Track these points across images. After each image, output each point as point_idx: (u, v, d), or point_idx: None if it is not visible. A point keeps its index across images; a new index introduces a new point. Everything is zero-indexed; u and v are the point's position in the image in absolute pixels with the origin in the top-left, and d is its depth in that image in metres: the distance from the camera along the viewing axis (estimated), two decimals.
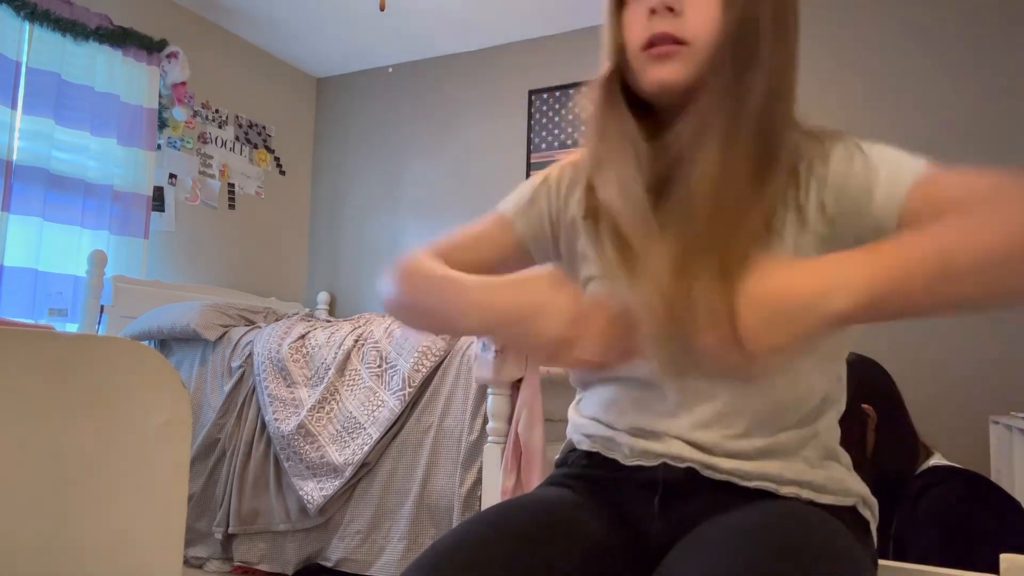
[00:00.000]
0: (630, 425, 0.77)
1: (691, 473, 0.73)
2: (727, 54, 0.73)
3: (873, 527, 0.77)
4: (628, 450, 0.77)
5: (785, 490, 0.72)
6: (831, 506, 0.73)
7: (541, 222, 0.88)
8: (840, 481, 0.75)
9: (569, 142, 3.62)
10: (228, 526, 2.37)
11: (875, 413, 1.40)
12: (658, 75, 0.74)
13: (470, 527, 0.70)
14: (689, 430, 0.73)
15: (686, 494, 0.73)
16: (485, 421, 2.03)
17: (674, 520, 0.72)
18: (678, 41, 0.73)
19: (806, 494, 0.72)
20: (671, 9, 0.73)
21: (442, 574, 0.63)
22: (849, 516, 0.74)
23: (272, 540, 2.34)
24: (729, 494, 0.72)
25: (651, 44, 0.74)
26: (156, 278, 3.26)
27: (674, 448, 0.74)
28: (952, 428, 2.70)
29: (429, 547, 0.69)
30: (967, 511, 1.24)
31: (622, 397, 0.79)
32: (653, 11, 0.74)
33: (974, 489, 1.29)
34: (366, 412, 2.25)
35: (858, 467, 0.81)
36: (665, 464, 0.74)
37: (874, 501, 0.78)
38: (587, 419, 0.83)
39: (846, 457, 0.79)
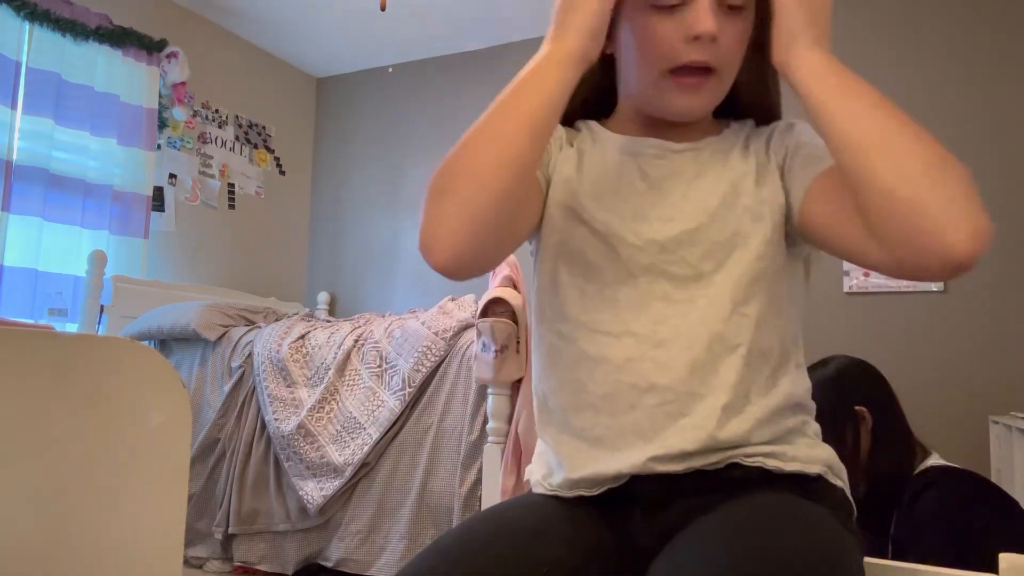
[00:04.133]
0: (588, 476, 0.76)
1: (664, 480, 0.73)
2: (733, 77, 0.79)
3: (847, 493, 0.78)
4: (592, 485, 0.77)
5: (750, 461, 0.72)
6: (798, 475, 0.73)
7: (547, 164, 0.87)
8: (809, 446, 0.76)
9: None
10: (228, 526, 2.37)
11: (869, 415, 1.40)
12: (686, 104, 0.77)
13: (474, 524, 0.71)
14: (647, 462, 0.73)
15: (664, 503, 0.74)
16: (485, 421, 2.03)
17: (658, 526, 0.73)
18: (708, 69, 0.75)
19: (771, 463, 0.73)
20: (714, 39, 0.73)
21: (448, 570, 0.64)
22: (828, 495, 0.74)
23: (272, 540, 2.34)
24: (707, 494, 0.72)
25: (682, 69, 0.75)
26: (156, 278, 3.26)
27: (641, 467, 0.73)
28: (952, 428, 2.70)
29: (434, 543, 0.69)
30: (966, 511, 1.24)
31: (578, 449, 0.78)
32: (696, 38, 0.73)
33: (973, 489, 1.29)
34: (366, 412, 2.25)
35: (854, 469, 0.81)
36: (635, 477, 0.74)
37: (841, 467, 0.78)
38: (550, 484, 0.82)
39: (814, 427, 0.80)
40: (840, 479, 0.77)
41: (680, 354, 0.74)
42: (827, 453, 0.77)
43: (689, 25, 0.73)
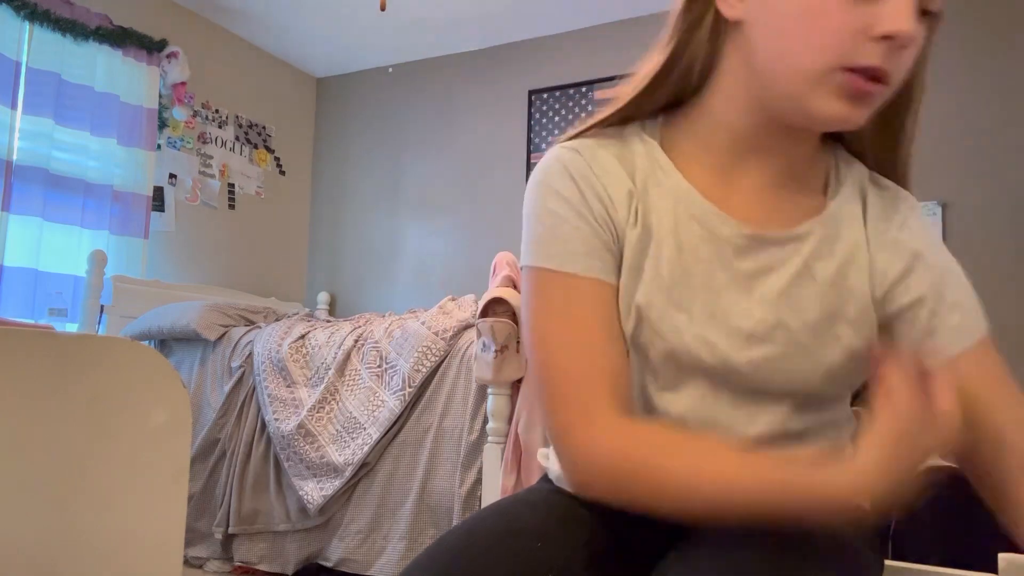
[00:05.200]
0: None
1: None
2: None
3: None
4: None
5: None
6: None
7: (610, 251, 0.68)
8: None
9: None
10: (228, 526, 2.37)
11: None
12: (844, 114, 0.61)
13: (479, 522, 0.69)
14: None
15: None
16: (485, 421, 2.03)
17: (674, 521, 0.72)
18: (881, 78, 0.60)
19: None
20: (906, 44, 0.59)
21: (454, 569, 0.62)
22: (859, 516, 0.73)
23: (272, 540, 2.34)
24: None
25: (856, 71, 0.59)
26: (156, 278, 3.26)
27: None
28: None
29: (438, 542, 0.67)
30: (965, 511, 1.24)
31: None
32: (887, 37, 0.57)
33: (972, 489, 1.29)
34: (366, 412, 2.25)
35: None
36: None
37: None
38: None
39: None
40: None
41: (733, 443, 0.68)
42: None
43: (883, 20, 0.57)
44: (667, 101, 0.71)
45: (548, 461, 0.83)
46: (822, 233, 0.68)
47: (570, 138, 0.72)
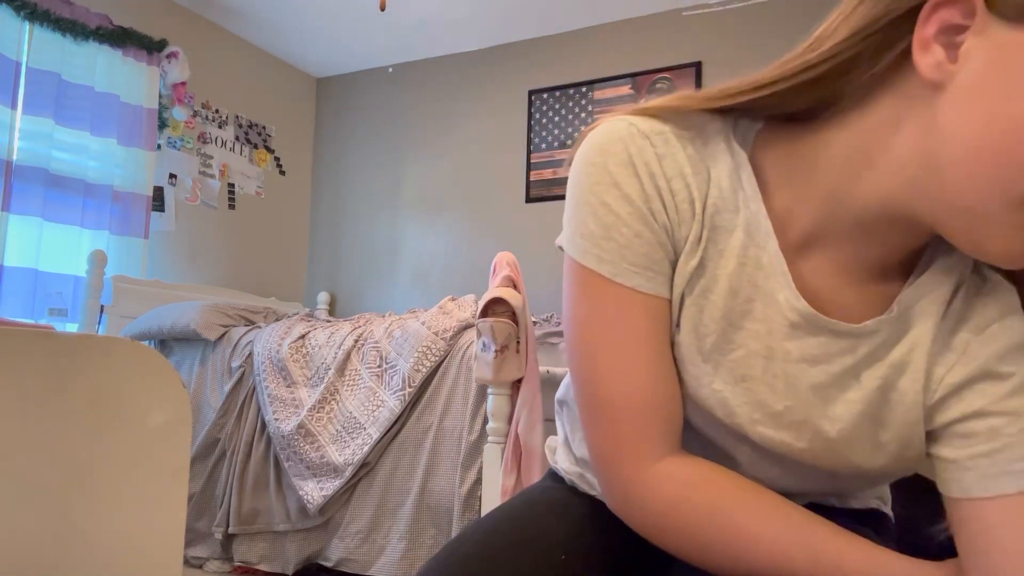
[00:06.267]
0: None
1: None
2: None
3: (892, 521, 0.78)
4: None
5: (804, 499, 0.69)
6: (855, 510, 0.72)
7: (668, 258, 0.58)
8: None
9: (569, 142, 3.62)
10: (228, 526, 2.37)
11: None
12: (1019, 253, 0.47)
13: (496, 528, 0.66)
14: None
15: None
16: (485, 421, 2.03)
17: None
18: None
19: (836, 502, 0.71)
20: None
21: None
22: (872, 519, 0.73)
23: (272, 540, 2.34)
24: None
25: None
26: (156, 278, 3.26)
27: None
28: None
29: (452, 546, 0.65)
30: None
31: None
32: None
33: None
34: (366, 412, 2.25)
35: None
36: None
37: (889, 496, 0.79)
38: (584, 471, 0.74)
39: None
40: (888, 509, 0.77)
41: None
42: (883, 490, 0.76)
43: None
44: (792, 111, 0.55)
45: (555, 456, 0.80)
46: (886, 334, 0.56)
47: (642, 112, 0.57)
